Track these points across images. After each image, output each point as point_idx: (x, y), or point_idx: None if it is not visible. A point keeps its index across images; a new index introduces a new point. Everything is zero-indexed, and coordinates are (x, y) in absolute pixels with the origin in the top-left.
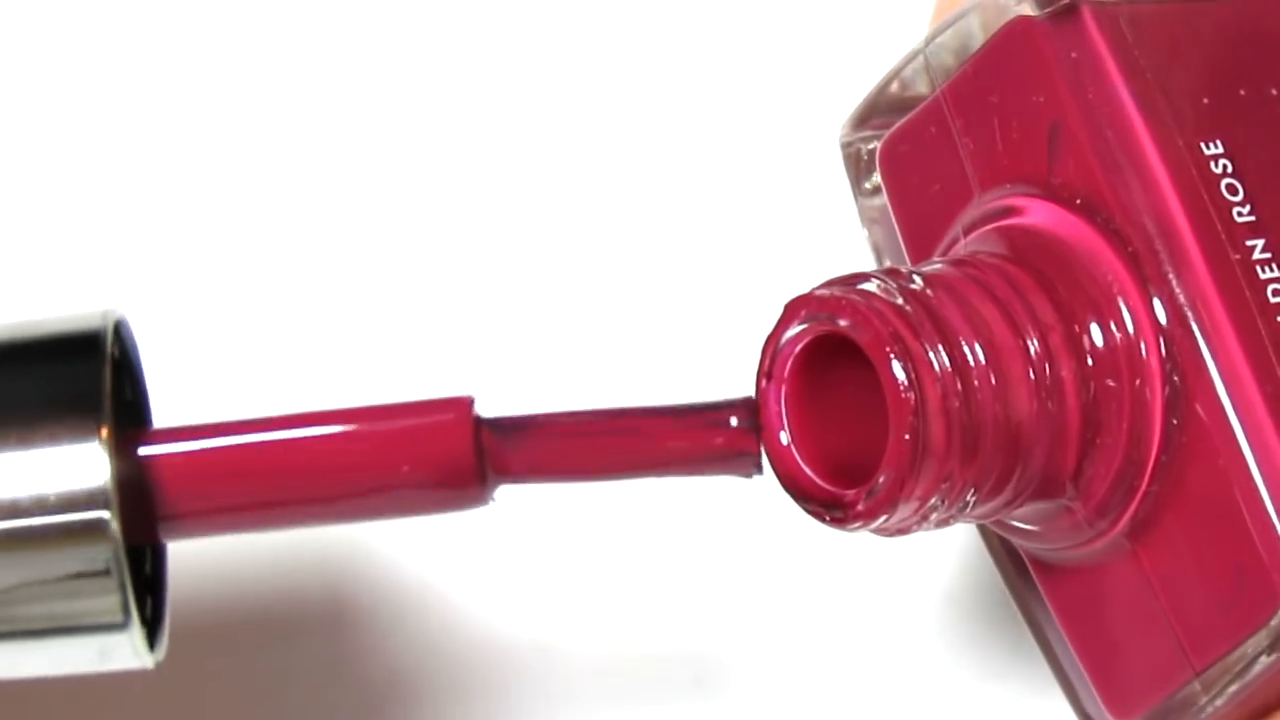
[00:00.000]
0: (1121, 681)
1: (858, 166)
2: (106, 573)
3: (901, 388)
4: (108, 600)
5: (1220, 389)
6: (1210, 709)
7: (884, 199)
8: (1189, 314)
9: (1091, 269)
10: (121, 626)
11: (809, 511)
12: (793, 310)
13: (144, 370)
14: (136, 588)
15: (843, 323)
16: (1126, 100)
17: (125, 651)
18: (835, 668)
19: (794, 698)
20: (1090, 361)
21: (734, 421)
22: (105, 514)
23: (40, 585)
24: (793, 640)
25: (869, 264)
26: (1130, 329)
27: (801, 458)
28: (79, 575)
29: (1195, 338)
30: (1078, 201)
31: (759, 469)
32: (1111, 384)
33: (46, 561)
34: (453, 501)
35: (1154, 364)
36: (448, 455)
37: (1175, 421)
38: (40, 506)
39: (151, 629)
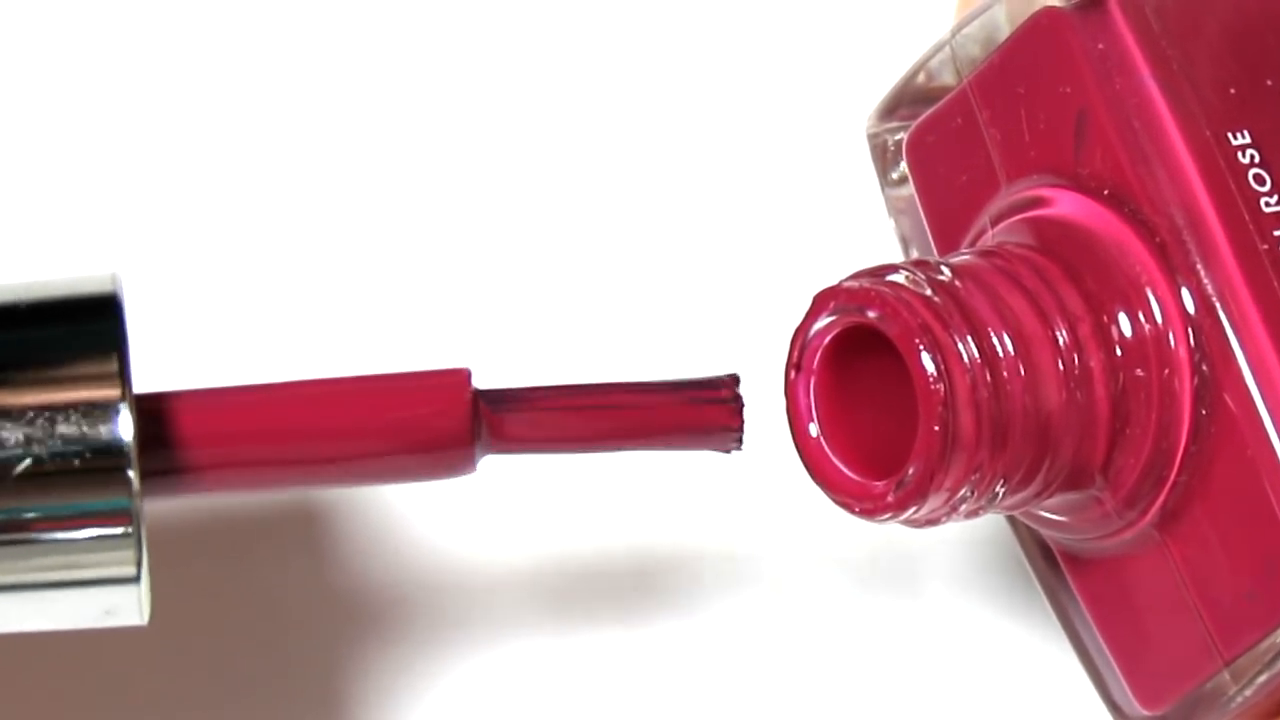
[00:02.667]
0: (1151, 671)
1: (884, 157)
2: (124, 526)
3: (931, 379)
4: (122, 554)
5: (1249, 379)
6: (1240, 699)
7: (911, 189)
8: (1217, 304)
9: (1119, 259)
10: (132, 580)
11: (838, 503)
12: (821, 302)
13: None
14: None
15: (871, 314)
16: (1153, 90)
17: (130, 607)
18: (857, 658)
19: (818, 680)
20: (1119, 352)
21: (719, 397)
22: (126, 467)
23: (57, 539)
24: (820, 627)
25: (896, 254)
26: (1158, 319)
27: (830, 449)
28: (97, 530)
29: (1223, 328)
30: (1105, 192)
31: (739, 444)
32: (1140, 374)
33: (66, 515)
34: (443, 468)
35: (1182, 354)
36: (444, 422)
37: (1204, 412)
38: (63, 463)
39: None
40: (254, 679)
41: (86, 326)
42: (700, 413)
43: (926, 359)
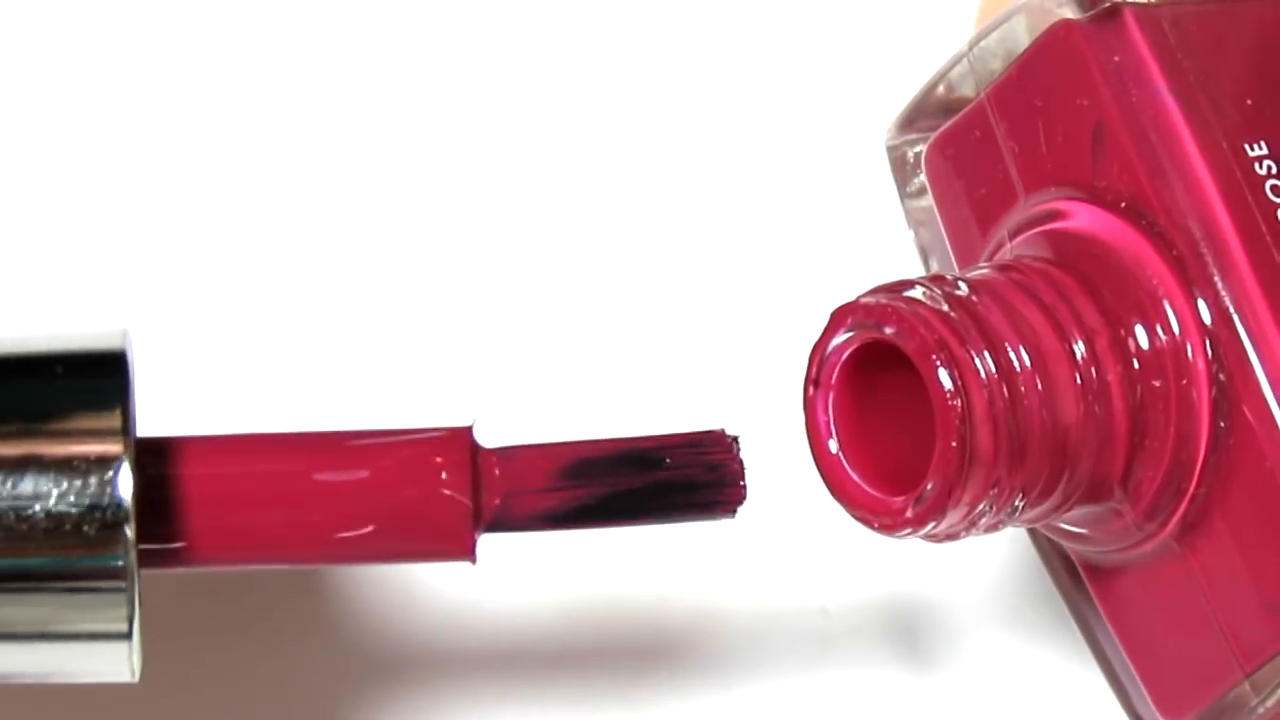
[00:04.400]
0: (1172, 682)
1: (904, 169)
2: (119, 583)
3: (948, 395)
4: (116, 611)
5: (1266, 390)
6: (1261, 710)
7: (930, 201)
8: (1234, 316)
9: (1136, 272)
10: (124, 638)
11: (857, 518)
12: (839, 318)
13: (134, 394)
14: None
15: (889, 330)
16: (1170, 102)
17: (120, 664)
18: (884, 671)
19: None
20: (1136, 364)
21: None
22: (124, 524)
23: (51, 593)
24: (842, 640)
25: (916, 265)
26: (1176, 331)
27: (849, 465)
28: (93, 583)
29: (1241, 340)
30: (1122, 205)
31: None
32: (1158, 386)
33: (61, 567)
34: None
35: (1200, 366)
36: (446, 535)
37: (1222, 424)
38: (61, 517)
39: None
40: None
41: (92, 381)
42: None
43: (944, 375)
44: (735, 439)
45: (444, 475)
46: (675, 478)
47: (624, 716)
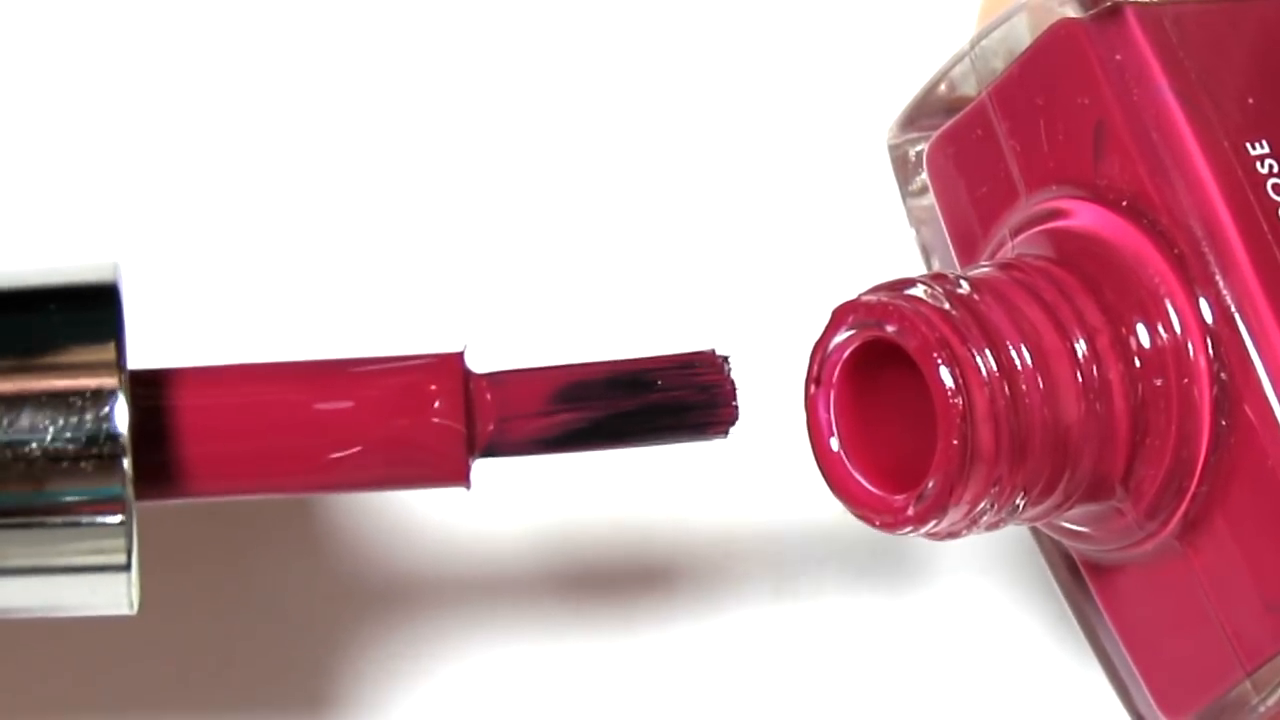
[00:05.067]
0: (1173, 681)
1: (905, 168)
2: (118, 515)
3: (949, 393)
4: (114, 543)
5: (1268, 389)
6: (1262, 708)
7: (931, 199)
8: (1236, 314)
9: (1138, 271)
10: (123, 569)
11: (859, 516)
12: (840, 316)
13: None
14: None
15: (890, 329)
16: (1171, 101)
17: (119, 596)
18: (877, 666)
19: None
20: (1138, 363)
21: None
22: (120, 455)
23: (49, 526)
24: (844, 640)
25: (917, 264)
26: (1177, 330)
27: (851, 463)
28: (91, 516)
29: (1242, 338)
30: (1124, 203)
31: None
32: (1159, 384)
33: (58, 502)
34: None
35: (1201, 364)
36: (440, 455)
37: (1223, 422)
38: (57, 451)
39: None
40: (248, 670)
41: (85, 314)
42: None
43: (945, 373)
44: (726, 359)
45: (437, 403)
46: (667, 399)
47: (620, 642)
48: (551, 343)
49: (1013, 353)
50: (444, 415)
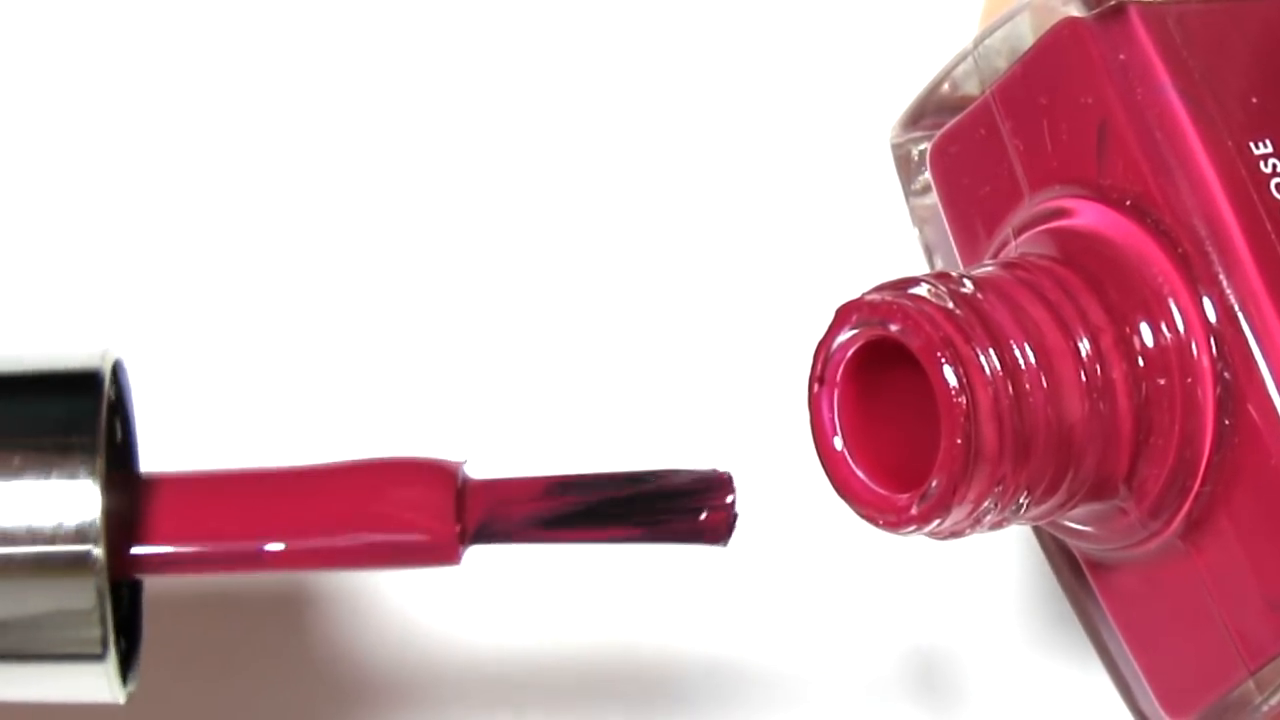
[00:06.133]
0: (1176, 680)
1: (908, 167)
2: (90, 606)
3: (953, 392)
4: (89, 632)
5: (1272, 388)
6: (1265, 708)
7: (934, 199)
8: (1239, 314)
9: (1141, 270)
10: (99, 658)
11: (862, 515)
12: (844, 315)
13: (134, 413)
14: (115, 622)
15: (894, 328)
16: (1174, 100)
17: (99, 683)
18: (886, 671)
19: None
20: (1141, 362)
21: (718, 503)
22: (93, 548)
23: (24, 613)
24: (847, 640)
25: (920, 263)
26: (1181, 329)
27: (854, 463)
28: (64, 606)
29: (1246, 337)
30: (1127, 203)
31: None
32: (1163, 383)
33: (33, 590)
34: (428, 563)
35: (1205, 363)
36: (430, 537)
37: (1227, 421)
38: (30, 537)
39: (126, 663)
40: None
41: (67, 404)
42: (698, 521)
43: (948, 372)
44: (730, 481)
45: (428, 486)
46: (662, 487)
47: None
48: (552, 348)
49: (1016, 352)
50: (435, 490)
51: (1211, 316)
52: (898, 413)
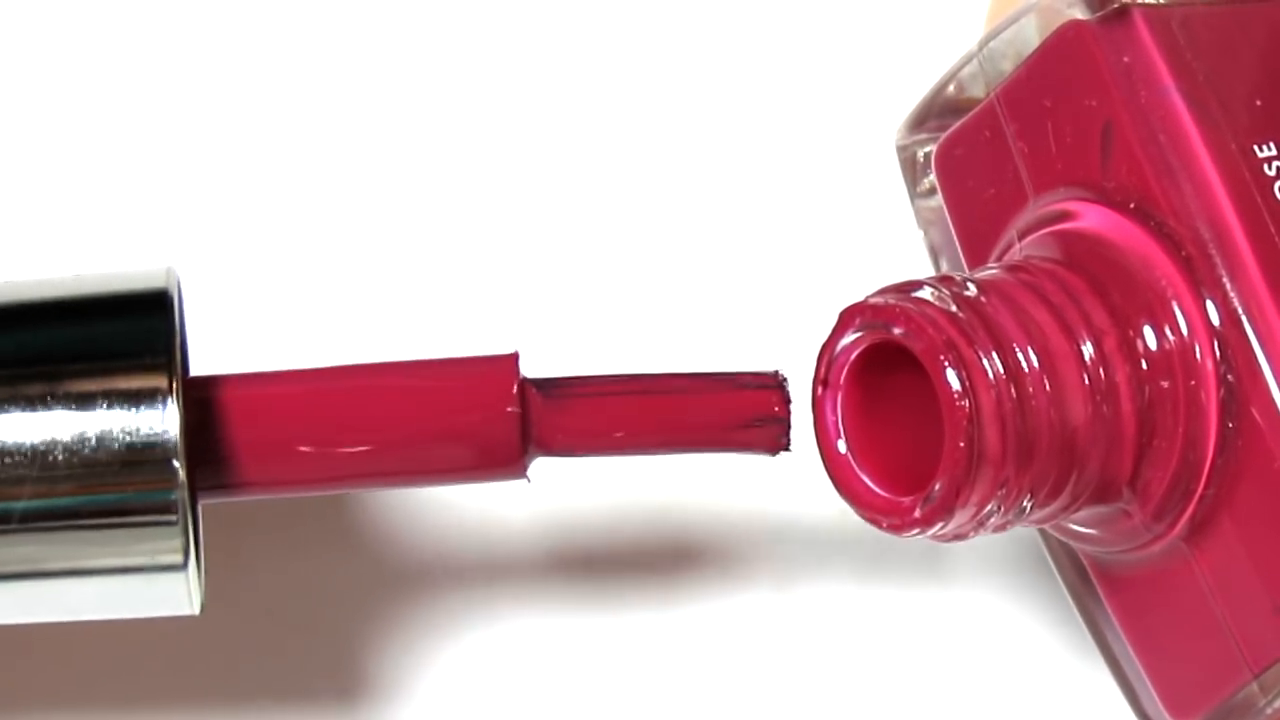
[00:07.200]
0: (1180, 682)
1: (914, 169)
2: (172, 515)
3: (956, 395)
4: (171, 542)
5: (1274, 391)
6: (1269, 710)
7: (939, 200)
8: (1243, 317)
9: (1145, 273)
10: (180, 568)
11: (866, 518)
12: (847, 318)
13: (186, 326)
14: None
15: (897, 331)
16: (1178, 103)
17: (179, 593)
18: (890, 672)
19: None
20: (1145, 365)
21: (767, 383)
22: (173, 460)
23: (106, 528)
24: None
25: (925, 265)
26: (1184, 332)
27: (858, 465)
28: (146, 517)
29: (1249, 340)
30: (1131, 205)
31: (788, 442)
32: (1166, 386)
33: (115, 506)
34: (494, 476)
35: (1208, 366)
36: (494, 434)
37: (1230, 424)
38: (113, 452)
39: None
40: (273, 655)
41: (139, 321)
42: (750, 399)
43: (951, 375)
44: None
45: (495, 395)
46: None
47: (649, 617)
48: (553, 350)
49: (1019, 355)
50: (501, 402)
51: (1215, 319)
52: (901, 415)
